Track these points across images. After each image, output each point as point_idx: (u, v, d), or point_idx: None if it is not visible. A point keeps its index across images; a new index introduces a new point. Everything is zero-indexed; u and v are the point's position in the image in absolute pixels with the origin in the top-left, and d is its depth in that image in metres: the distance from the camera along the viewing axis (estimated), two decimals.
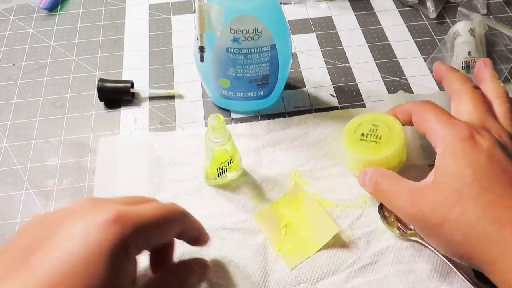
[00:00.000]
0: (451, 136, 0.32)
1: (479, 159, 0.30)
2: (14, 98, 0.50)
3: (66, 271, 0.23)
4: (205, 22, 0.37)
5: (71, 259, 0.23)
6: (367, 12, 0.59)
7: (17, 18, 0.59)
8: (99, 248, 0.24)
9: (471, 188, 0.29)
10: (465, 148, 0.31)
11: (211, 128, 0.35)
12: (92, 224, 0.24)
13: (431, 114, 0.34)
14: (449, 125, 0.32)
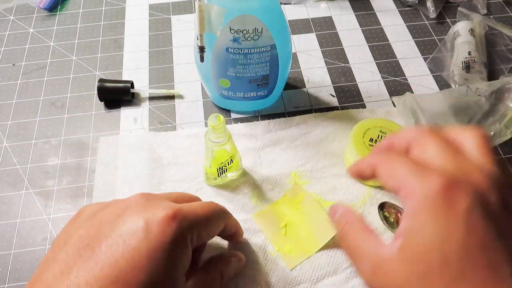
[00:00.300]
0: (421, 190, 0.25)
1: (453, 230, 0.24)
2: (14, 98, 0.50)
3: (130, 265, 0.25)
4: (205, 22, 0.37)
5: (134, 253, 0.25)
6: (367, 12, 0.59)
7: (17, 18, 0.59)
8: (160, 243, 0.25)
9: (439, 274, 0.24)
10: (437, 211, 0.25)
11: (211, 128, 0.35)
12: (152, 220, 0.26)
13: (398, 164, 0.28)
14: (419, 176, 0.26)
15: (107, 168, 0.43)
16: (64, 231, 0.28)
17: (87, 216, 0.28)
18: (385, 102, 0.49)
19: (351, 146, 0.40)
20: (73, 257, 0.25)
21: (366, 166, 0.31)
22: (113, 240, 0.25)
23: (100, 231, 0.26)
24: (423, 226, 0.25)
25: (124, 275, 0.24)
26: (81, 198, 0.42)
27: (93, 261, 0.25)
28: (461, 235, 0.24)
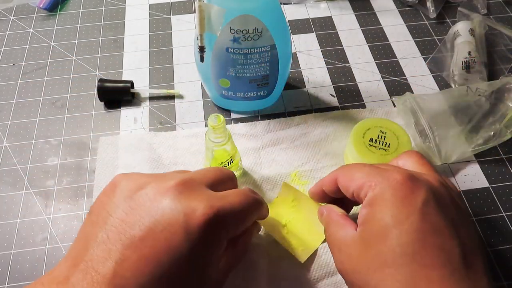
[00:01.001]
0: (381, 183, 0.28)
1: (410, 217, 0.26)
2: (14, 98, 0.50)
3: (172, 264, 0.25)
4: (205, 22, 0.37)
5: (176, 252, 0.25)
6: (367, 12, 0.59)
7: (17, 18, 0.59)
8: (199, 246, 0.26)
9: (394, 253, 0.26)
10: (397, 199, 0.27)
11: (211, 128, 0.35)
12: (192, 219, 0.26)
13: (357, 170, 0.30)
14: (378, 174, 0.29)
15: (107, 168, 0.43)
16: (100, 205, 0.28)
17: (125, 195, 0.28)
18: (385, 102, 0.49)
19: (351, 146, 0.40)
20: (115, 243, 0.25)
21: (328, 182, 0.33)
22: (154, 234, 0.25)
23: (140, 218, 0.26)
24: (381, 212, 0.27)
25: (168, 273, 0.25)
26: (81, 198, 0.42)
27: (137, 255, 0.25)
28: (417, 220, 0.26)
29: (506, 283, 0.37)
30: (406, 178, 0.27)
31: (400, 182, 0.27)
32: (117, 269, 0.24)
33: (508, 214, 0.40)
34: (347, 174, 0.31)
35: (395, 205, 0.27)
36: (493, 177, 0.43)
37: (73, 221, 0.40)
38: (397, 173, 0.28)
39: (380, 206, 0.27)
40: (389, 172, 0.28)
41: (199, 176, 0.30)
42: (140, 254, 0.25)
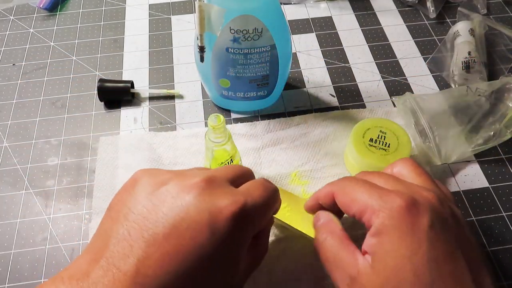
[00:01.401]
0: (385, 210, 0.27)
1: (421, 246, 0.26)
2: (14, 98, 0.50)
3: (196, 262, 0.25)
4: (205, 22, 0.37)
5: (201, 251, 0.25)
6: (367, 12, 0.59)
7: (17, 18, 0.59)
8: (225, 244, 0.26)
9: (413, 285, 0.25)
10: (403, 228, 0.26)
11: (211, 128, 0.35)
12: (217, 217, 0.26)
13: (357, 190, 0.29)
14: (381, 198, 0.28)
15: (107, 168, 0.43)
16: (121, 201, 0.27)
17: (146, 190, 0.27)
18: (385, 102, 0.49)
19: (351, 146, 0.40)
20: (137, 240, 0.25)
21: (324, 196, 0.32)
22: (178, 232, 0.25)
23: (162, 215, 0.26)
24: (393, 243, 0.26)
25: (192, 272, 0.25)
26: (81, 198, 0.42)
27: (160, 253, 0.24)
28: (427, 248, 0.26)
29: (506, 283, 0.37)
30: (409, 204, 0.27)
31: (404, 208, 0.27)
32: (139, 266, 0.24)
33: (508, 214, 0.40)
34: (347, 194, 0.30)
35: (404, 235, 0.26)
36: (493, 177, 0.43)
37: (73, 221, 0.40)
38: (399, 198, 0.27)
39: (389, 236, 0.27)
40: (391, 196, 0.28)
41: (221, 173, 0.30)
42: (164, 251, 0.24)
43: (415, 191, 0.29)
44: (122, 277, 0.23)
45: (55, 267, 0.38)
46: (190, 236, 0.25)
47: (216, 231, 0.25)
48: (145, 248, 0.24)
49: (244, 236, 0.28)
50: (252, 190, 0.29)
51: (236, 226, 0.26)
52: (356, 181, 0.30)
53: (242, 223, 0.27)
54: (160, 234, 0.25)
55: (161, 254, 0.24)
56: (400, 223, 0.27)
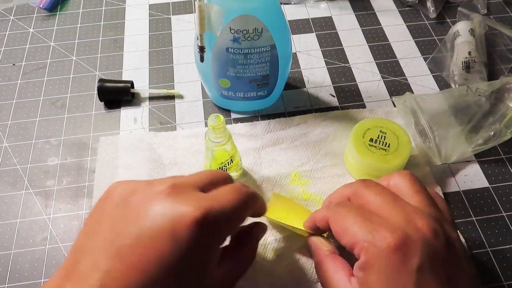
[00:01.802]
0: (375, 248, 0.26)
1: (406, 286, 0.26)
2: (14, 98, 0.50)
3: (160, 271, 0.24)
4: (205, 22, 0.37)
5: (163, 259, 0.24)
6: (367, 12, 0.59)
7: (17, 18, 0.59)
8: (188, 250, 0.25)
9: None
10: (391, 268, 0.26)
11: (211, 128, 0.35)
12: (180, 223, 0.25)
13: (348, 220, 0.29)
14: (371, 233, 0.27)
15: (107, 168, 0.43)
16: (92, 216, 0.28)
17: (116, 202, 0.27)
18: (385, 102, 0.49)
19: (351, 146, 0.40)
20: (104, 253, 0.25)
21: (320, 220, 0.32)
22: (142, 242, 0.25)
23: (127, 227, 0.25)
24: (378, 282, 0.26)
25: (157, 282, 0.24)
26: (81, 198, 0.42)
27: (124, 265, 0.24)
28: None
29: (506, 283, 0.37)
30: (399, 243, 0.26)
31: (393, 249, 0.26)
32: (105, 280, 0.24)
33: (508, 214, 0.40)
34: (338, 223, 0.30)
35: (390, 277, 0.26)
36: (493, 177, 0.43)
37: (73, 221, 0.40)
38: (390, 235, 0.26)
39: (374, 275, 0.27)
40: (381, 233, 0.27)
41: (189, 179, 0.29)
42: (128, 263, 0.24)
43: (409, 220, 0.28)
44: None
45: (55, 267, 0.38)
46: (153, 245, 0.25)
47: (179, 239, 0.25)
48: (110, 261, 0.24)
49: (210, 243, 0.27)
50: (222, 195, 0.28)
51: (200, 232, 0.25)
52: (349, 209, 0.30)
53: (207, 230, 0.26)
54: (125, 246, 0.25)
55: (125, 266, 0.24)
56: (387, 264, 0.26)
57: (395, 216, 0.28)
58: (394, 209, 0.28)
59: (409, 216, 0.28)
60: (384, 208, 0.29)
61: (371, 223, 0.28)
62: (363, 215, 0.29)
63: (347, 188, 0.32)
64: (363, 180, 0.32)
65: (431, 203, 0.30)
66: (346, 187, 0.33)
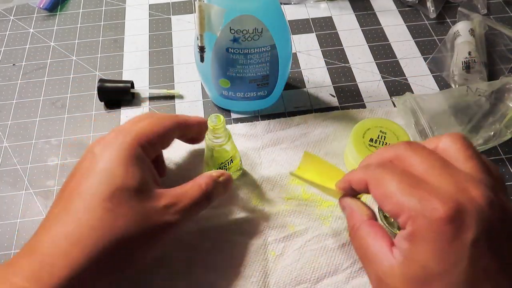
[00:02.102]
0: (424, 218, 0.24)
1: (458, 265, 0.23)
2: (14, 98, 0.50)
3: (91, 181, 0.29)
4: (205, 22, 0.37)
5: (92, 172, 0.30)
6: (367, 12, 0.59)
7: (17, 18, 0.59)
8: (110, 157, 0.30)
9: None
10: (442, 240, 0.23)
11: (211, 128, 0.35)
12: (99, 145, 0.32)
13: (392, 185, 0.26)
14: (417, 200, 0.24)
15: None
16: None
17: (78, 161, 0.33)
18: (385, 102, 0.49)
19: (351, 146, 0.40)
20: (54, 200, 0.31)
21: (356, 181, 0.30)
22: (75, 174, 0.31)
23: (68, 176, 0.32)
24: (426, 255, 0.24)
25: (88, 189, 0.29)
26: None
27: (65, 193, 0.30)
28: (465, 267, 0.23)
29: None
30: (452, 214, 0.23)
31: (445, 220, 0.23)
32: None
33: None
34: (382, 187, 0.27)
35: (441, 250, 0.23)
36: None
37: None
38: (442, 205, 0.23)
39: (422, 247, 0.24)
40: (432, 202, 0.24)
41: (130, 126, 0.34)
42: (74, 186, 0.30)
43: (462, 188, 0.24)
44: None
45: None
46: (93, 165, 0.31)
47: (110, 153, 0.31)
48: (65, 195, 0.31)
49: (129, 148, 0.31)
50: (144, 122, 0.34)
51: (117, 141, 0.31)
52: (393, 173, 0.26)
53: (122, 139, 0.32)
54: (76, 174, 0.31)
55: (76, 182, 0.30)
56: (438, 237, 0.23)
57: (446, 184, 0.25)
58: (444, 176, 0.25)
59: (461, 184, 0.25)
60: (432, 175, 0.25)
61: (419, 190, 0.25)
62: (409, 181, 0.25)
63: (389, 150, 0.29)
64: (407, 142, 0.28)
65: (486, 171, 0.26)
66: (387, 149, 0.29)
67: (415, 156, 0.27)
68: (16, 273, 0.26)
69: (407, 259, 0.25)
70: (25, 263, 0.27)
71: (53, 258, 0.27)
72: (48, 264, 0.26)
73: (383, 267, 0.25)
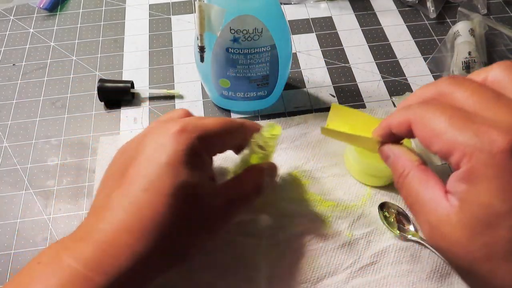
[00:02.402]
0: (482, 152, 0.21)
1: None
2: (14, 98, 0.50)
3: (156, 174, 0.28)
4: (205, 22, 0.37)
5: (157, 165, 0.28)
6: (367, 12, 0.59)
7: (17, 18, 0.59)
8: (175, 151, 0.29)
9: (507, 244, 0.21)
10: (506, 176, 0.21)
11: (268, 136, 0.33)
12: (165, 136, 0.29)
13: (441, 121, 0.23)
14: (475, 135, 0.22)
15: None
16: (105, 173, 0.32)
17: (121, 151, 0.32)
18: (385, 102, 0.49)
19: (351, 146, 0.40)
20: (112, 183, 0.29)
21: (397, 124, 0.27)
22: (138, 160, 0.29)
23: (128, 158, 0.30)
24: (489, 194, 0.21)
25: (153, 183, 0.27)
26: (81, 198, 0.42)
27: (127, 179, 0.28)
28: None
29: None
30: (510, 145, 0.20)
31: (507, 152, 0.20)
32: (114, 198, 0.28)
33: None
34: (428, 125, 0.24)
35: (503, 186, 0.21)
36: None
37: (73, 221, 0.40)
38: (502, 136, 0.21)
39: (482, 185, 0.21)
40: (490, 134, 0.21)
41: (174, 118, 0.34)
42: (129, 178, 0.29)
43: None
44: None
45: None
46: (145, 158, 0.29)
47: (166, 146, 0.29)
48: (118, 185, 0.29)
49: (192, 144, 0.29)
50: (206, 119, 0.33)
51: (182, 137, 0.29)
52: (440, 108, 0.23)
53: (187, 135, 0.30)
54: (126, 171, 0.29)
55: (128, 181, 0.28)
56: (502, 171, 0.21)
57: (503, 115, 0.22)
58: (499, 107, 0.22)
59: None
60: (486, 108, 0.22)
61: (474, 124, 0.22)
62: (461, 114, 0.23)
63: (429, 87, 0.26)
64: (451, 76, 0.25)
65: None
66: (427, 86, 0.26)
67: (462, 91, 0.24)
68: (75, 257, 0.26)
69: (466, 202, 0.22)
70: (84, 250, 0.26)
71: (115, 249, 0.26)
72: (110, 255, 0.26)
73: (438, 215, 0.23)
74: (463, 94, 0.24)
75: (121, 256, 0.26)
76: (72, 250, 0.26)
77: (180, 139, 0.29)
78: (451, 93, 0.24)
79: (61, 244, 0.27)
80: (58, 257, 0.26)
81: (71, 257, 0.26)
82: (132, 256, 0.26)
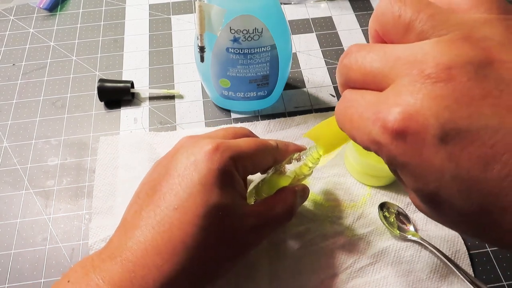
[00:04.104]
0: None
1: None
2: (14, 98, 0.50)
3: (187, 193, 0.28)
4: (205, 22, 0.37)
5: (189, 183, 0.28)
6: (367, 12, 0.59)
7: (17, 18, 0.59)
8: (208, 170, 0.28)
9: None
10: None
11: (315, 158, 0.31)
12: (199, 154, 0.29)
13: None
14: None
15: (107, 168, 0.43)
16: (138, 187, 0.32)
17: (153, 169, 0.32)
18: None
19: (351, 146, 0.40)
20: (143, 198, 0.29)
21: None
22: (170, 177, 0.29)
23: (160, 173, 0.30)
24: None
25: (184, 202, 0.27)
26: (81, 198, 0.42)
27: (157, 196, 0.28)
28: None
29: (506, 283, 0.37)
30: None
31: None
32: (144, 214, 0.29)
33: None
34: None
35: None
36: None
37: (73, 221, 0.40)
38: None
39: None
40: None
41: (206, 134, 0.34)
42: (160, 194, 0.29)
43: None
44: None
45: (55, 267, 0.38)
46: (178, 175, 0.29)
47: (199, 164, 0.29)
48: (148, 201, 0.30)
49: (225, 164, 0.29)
50: (239, 139, 0.32)
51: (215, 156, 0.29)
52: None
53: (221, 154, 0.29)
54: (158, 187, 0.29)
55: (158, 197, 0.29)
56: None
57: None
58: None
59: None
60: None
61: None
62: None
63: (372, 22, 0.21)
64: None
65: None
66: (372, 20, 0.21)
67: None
68: (104, 278, 0.26)
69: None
70: (112, 270, 0.26)
71: (145, 271, 0.26)
72: (140, 276, 0.26)
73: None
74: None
75: (148, 278, 0.26)
76: (100, 269, 0.26)
77: (214, 158, 0.29)
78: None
79: (90, 261, 0.27)
80: (87, 276, 0.26)
81: (100, 276, 0.26)
82: (160, 277, 0.26)
